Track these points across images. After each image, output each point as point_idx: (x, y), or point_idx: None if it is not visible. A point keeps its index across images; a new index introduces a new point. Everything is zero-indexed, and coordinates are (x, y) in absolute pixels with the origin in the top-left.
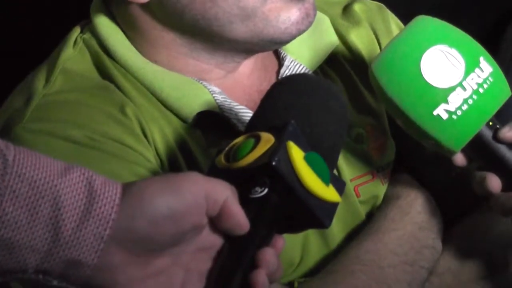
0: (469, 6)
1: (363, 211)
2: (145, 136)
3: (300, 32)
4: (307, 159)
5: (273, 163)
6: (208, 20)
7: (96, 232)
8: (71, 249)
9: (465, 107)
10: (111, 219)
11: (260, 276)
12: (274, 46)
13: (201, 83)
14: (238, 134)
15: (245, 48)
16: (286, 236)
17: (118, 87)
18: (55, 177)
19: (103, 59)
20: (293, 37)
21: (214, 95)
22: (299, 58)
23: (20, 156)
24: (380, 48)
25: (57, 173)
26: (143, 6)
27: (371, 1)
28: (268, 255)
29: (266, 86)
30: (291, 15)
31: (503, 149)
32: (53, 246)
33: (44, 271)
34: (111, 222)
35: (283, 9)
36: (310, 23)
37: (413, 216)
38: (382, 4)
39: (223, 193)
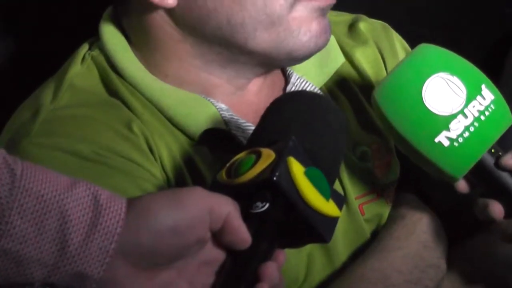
0: (471, 26)
1: (367, 229)
2: (152, 152)
3: (317, 47)
4: (307, 174)
5: (274, 179)
6: (233, 26)
7: (102, 245)
8: (78, 262)
9: (466, 134)
10: (117, 233)
11: None
12: (289, 62)
13: (208, 99)
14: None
15: (260, 62)
16: (290, 253)
17: (125, 103)
18: (61, 192)
19: (110, 76)
20: (311, 52)
21: (221, 112)
22: (305, 75)
23: (27, 170)
24: (386, 67)
25: (64, 187)
26: (166, 11)
27: (375, 20)
28: (270, 268)
29: None
30: (311, 28)
31: (505, 176)
32: (60, 259)
33: (51, 284)
34: (116, 236)
35: (305, 20)
36: (327, 40)
37: (418, 235)
38: (386, 24)
39: (225, 208)
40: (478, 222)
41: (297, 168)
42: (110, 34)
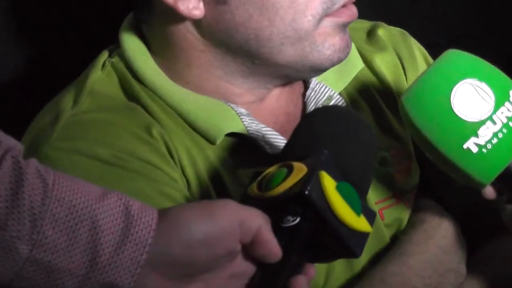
0: (491, 35)
1: (387, 234)
2: (171, 156)
3: (340, 60)
4: (339, 189)
5: (306, 193)
6: (260, 40)
7: (132, 256)
8: (108, 273)
9: (495, 140)
10: (148, 244)
11: None
12: (312, 74)
13: (229, 105)
14: (264, 156)
15: (284, 74)
16: None
17: (145, 108)
18: (93, 202)
19: (130, 82)
20: (333, 65)
21: (241, 117)
22: (324, 81)
23: (59, 180)
24: (405, 73)
25: (95, 197)
26: (193, 22)
27: (393, 27)
28: (299, 282)
29: (292, 108)
30: (335, 43)
31: None
32: (91, 270)
33: None
34: (147, 246)
35: (330, 35)
36: (348, 53)
37: (437, 240)
38: (404, 30)
39: (256, 220)
40: (497, 226)
41: (328, 183)
42: (130, 41)
